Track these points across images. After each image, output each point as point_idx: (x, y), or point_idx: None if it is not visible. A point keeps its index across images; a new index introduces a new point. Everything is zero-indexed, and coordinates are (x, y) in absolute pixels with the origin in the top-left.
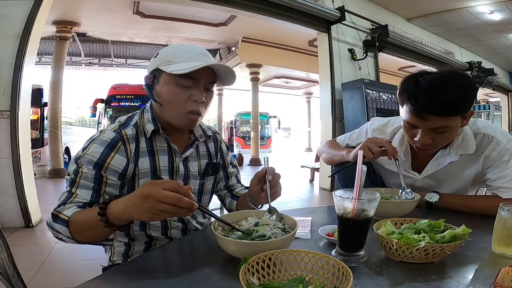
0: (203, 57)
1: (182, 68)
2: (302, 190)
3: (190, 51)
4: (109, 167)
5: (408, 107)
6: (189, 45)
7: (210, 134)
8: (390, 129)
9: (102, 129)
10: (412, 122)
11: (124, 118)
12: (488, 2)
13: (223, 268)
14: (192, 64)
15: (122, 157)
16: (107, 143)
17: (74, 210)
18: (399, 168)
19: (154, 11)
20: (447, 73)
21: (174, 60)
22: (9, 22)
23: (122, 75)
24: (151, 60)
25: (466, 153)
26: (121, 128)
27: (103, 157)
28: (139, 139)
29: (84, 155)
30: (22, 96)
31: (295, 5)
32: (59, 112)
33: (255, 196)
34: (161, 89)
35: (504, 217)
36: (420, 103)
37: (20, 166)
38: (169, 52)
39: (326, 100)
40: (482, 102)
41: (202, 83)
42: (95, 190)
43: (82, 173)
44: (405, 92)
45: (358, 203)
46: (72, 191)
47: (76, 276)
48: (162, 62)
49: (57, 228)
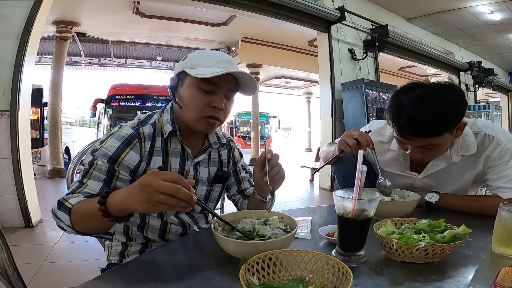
0: (228, 64)
1: (206, 72)
2: (302, 190)
3: (216, 57)
4: (123, 162)
5: (393, 127)
6: (216, 52)
7: (224, 142)
8: (389, 132)
9: (121, 124)
10: (400, 139)
11: (143, 116)
12: (488, 2)
13: (223, 268)
14: (216, 69)
15: (136, 154)
16: (124, 138)
17: (79, 199)
18: (376, 158)
19: (154, 11)
20: (432, 89)
21: (199, 64)
22: (9, 22)
23: (122, 75)
24: (179, 63)
25: (467, 154)
26: (139, 126)
27: (118, 152)
28: (155, 138)
29: (100, 147)
30: (22, 96)
31: (295, 5)
32: (59, 112)
33: (260, 184)
34: (184, 92)
35: (504, 217)
36: (401, 125)
37: (20, 166)
38: (196, 56)
39: (326, 100)
40: (482, 102)
41: (224, 90)
42: (105, 183)
43: (96, 165)
44: (390, 111)
45: (358, 203)
46: (84, 181)
47: (76, 276)
48: (189, 65)
49: (59, 215)
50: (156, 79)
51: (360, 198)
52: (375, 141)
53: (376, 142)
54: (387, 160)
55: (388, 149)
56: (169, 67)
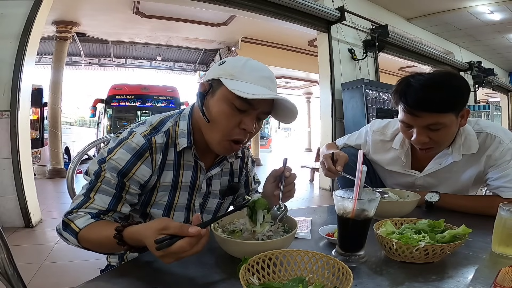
0: (270, 82)
1: (246, 90)
2: (302, 190)
3: (259, 71)
4: (133, 177)
5: (401, 106)
6: (259, 64)
7: (240, 155)
8: (391, 131)
9: (132, 131)
10: (406, 120)
11: (155, 120)
12: (488, 2)
13: (223, 268)
14: (258, 89)
15: (148, 169)
16: (135, 150)
17: (87, 221)
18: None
19: (154, 11)
20: (438, 73)
21: (239, 76)
22: (9, 22)
23: (122, 75)
24: (213, 66)
25: (469, 152)
26: (152, 135)
27: (128, 165)
28: (168, 149)
29: (109, 159)
30: (22, 96)
31: (295, 5)
32: (59, 112)
33: (268, 194)
34: (213, 104)
35: (504, 217)
36: (410, 100)
37: (20, 166)
38: (237, 65)
39: (326, 100)
40: (482, 102)
41: (258, 112)
42: (115, 197)
43: (104, 177)
44: (397, 92)
45: (358, 203)
46: (90, 195)
47: (76, 276)
48: (226, 73)
49: (65, 236)
50: (156, 79)
51: (360, 198)
52: (377, 140)
53: (378, 141)
54: (389, 159)
55: (390, 147)
56: (169, 67)
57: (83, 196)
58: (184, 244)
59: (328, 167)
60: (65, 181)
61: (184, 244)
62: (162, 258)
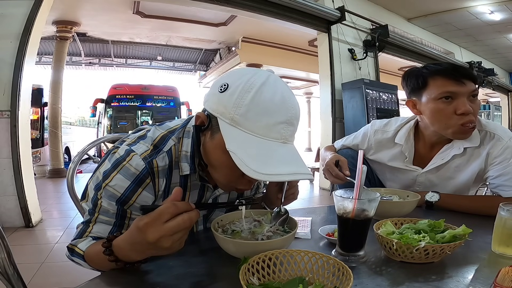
0: (285, 128)
1: (250, 164)
2: (302, 190)
3: (271, 115)
4: (134, 204)
5: (441, 80)
6: (275, 97)
7: None
8: (394, 127)
9: (130, 150)
10: (453, 89)
11: (157, 136)
12: (488, 2)
13: (223, 268)
14: (272, 143)
15: (150, 195)
16: (135, 176)
17: (88, 242)
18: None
19: (154, 11)
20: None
21: (242, 123)
22: (9, 22)
23: (122, 75)
24: (213, 91)
25: (470, 145)
26: (152, 157)
27: (128, 193)
28: (172, 172)
29: (105, 186)
30: (22, 96)
31: (295, 5)
32: (59, 112)
33: (271, 197)
34: (213, 150)
35: (504, 217)
36: (455, 70)
37: (20, 166)
38: (242, 102)
39: (326, 100)
40: (482, 102)
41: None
42: (116, 226)
43: (101, 207)
44: (426, 72)
45: (358, 203)
46: (90, 225)
47: (76, 276)
48: (226, 114)
49: (76, 261)
50: (156, 79)
51: (360, 198)
52: (378, 139)
53: (380, 139)
54: (391, 155)
55: (393, 143)
56: (169, 67)
57: (82, 224)
58: (168, 204)
59: (336, 174)
60: (65, 181)
61: (168, 204)
62: (159, 241)
